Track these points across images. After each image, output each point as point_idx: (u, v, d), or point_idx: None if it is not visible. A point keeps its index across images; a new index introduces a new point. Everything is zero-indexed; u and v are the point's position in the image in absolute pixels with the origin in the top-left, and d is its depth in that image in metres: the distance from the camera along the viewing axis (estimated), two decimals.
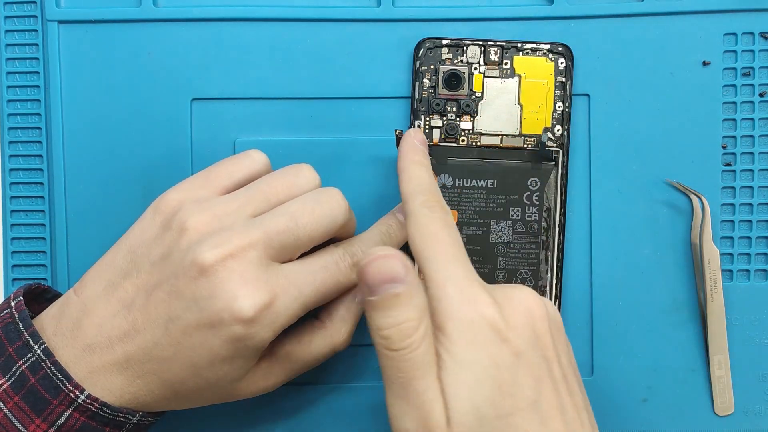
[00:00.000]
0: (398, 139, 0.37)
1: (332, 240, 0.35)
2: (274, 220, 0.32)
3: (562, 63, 0.38)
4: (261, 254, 0.31)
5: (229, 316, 0.31)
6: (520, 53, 0.38)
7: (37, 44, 0.39)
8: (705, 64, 0.39)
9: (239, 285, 0.31)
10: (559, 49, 0.38)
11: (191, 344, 0.31)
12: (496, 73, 0.38)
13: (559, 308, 0.39)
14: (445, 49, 0.38)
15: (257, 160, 0.35)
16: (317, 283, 0.33)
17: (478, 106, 0.38)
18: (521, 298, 0.30)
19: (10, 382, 0.32)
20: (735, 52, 0.39)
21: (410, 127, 0.38)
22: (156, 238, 0.33)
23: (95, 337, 0.32)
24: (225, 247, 0.31)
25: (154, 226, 0.33)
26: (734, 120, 0.39)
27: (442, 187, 0.38)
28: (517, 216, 0.38)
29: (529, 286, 0.38)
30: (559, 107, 0.38)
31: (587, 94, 0.39)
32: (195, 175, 0.35)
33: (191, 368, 0.32)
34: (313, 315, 0.36)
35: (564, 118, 0.38)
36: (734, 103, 0.39)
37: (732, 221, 0.39)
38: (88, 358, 0.32)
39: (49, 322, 0.33)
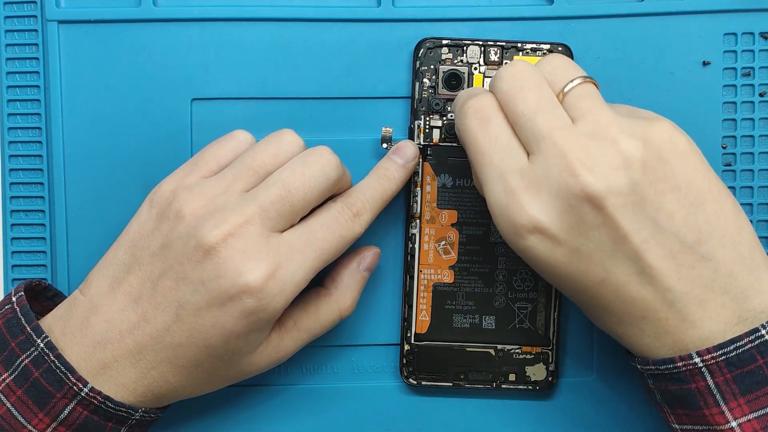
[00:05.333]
0: (384, 138, 0.37)
1: (332, 197, 0.35)
2: (267, 191, 0.33)
3: None
4: (259, 227, 0.32)
5: (238, 292, 0.31)
6: (520, 53, 0.38)
7: (37, 44, 0.39)
8: (705, 64, 0.39)
9: (243, 261, 0.31)
10: (559, 49, 0.38)
11: (203, 325, 0.32)
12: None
13: (559, 309, 0.39)
14: (445, 49, 0.38)
15: (243, 140, 0.36)
16: (319, 243, 0.33)
17: None
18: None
19: (12, 377, 0.32)
20: (735, 52, 0.39)
21: (410, 127, 0.38)
22: (154, 229, 0.33)
23: (105, 332, 0.32)
24: (224, 227, 0.32)
25: (150, 218, 0.34)
26: (734, 120, 0.39)
27: (442, 187, 0.38)
28: None
29: (528, 286, 0.38)
30: None
31: None
32: (185, 163, 0.35)
33: (206, 349, 0.32)
34: (318, 283, 0.37)
35: None
36: (734, 103, 0.39)
37: None
38: (99, 355, 0.32)
39: (56, 323, 0.33)
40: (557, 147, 0.30)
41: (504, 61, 0.38)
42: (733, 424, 0.30)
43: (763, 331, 0.30)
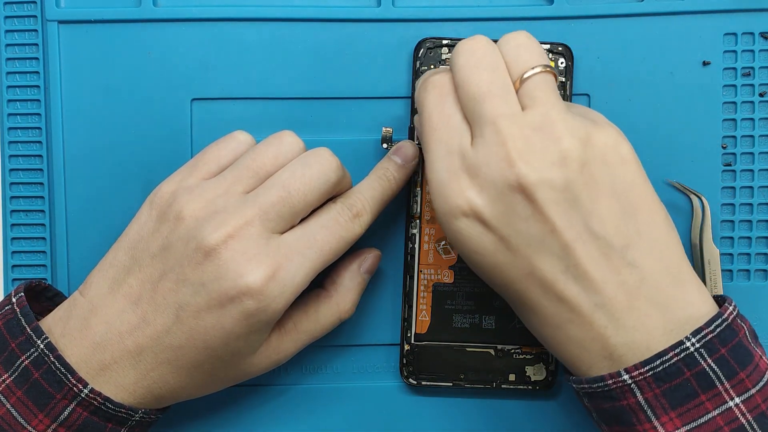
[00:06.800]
0: (385, 138, 0.37)
1: (332, 198, 0.35)
2: (267, 193, 0.33)
3: (562, 63, 0.38)
4: (259, 229, 0.32)
5: (238, 293, 0.31)
6: None
7: (37, 44, 0.39)
8: (705, 64, 0.39)
9: (243, 262, 0.31)
10: (559, 49, 0.38)
11: (204, 327, 0.32)
12: None
13: None
14: (445, 49, 0.38)
15: (243, 141, 0.36)
16: (319, 244, 0.33)
17: None
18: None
19: (12, 378, 0.32)
20: (735, 52, 0.39)
21: (410, 127, 0.38)
22: (154, 231, 0.33)
23: (104, 334, 0.32)
24: (224, 229, 0.32)
25: (151, 220, 0.34)
26: (734, 120, 0.39)
27: None
28: None
29: None
30: None
31: (587, 94, 0.39)
32: (185, 165, 0.35)
33: (206, 351, 0.32)
34: (318, 285, 0.37)
35: None
36: (734, 103, 0.39)
37: (732, 221, 0.39)
38: (98, 356, 0.32)
39: (56, 324, 0.33)
40: (500, 135, 0.31)
41: None
42: None
43: (688, 344, 0.30)
